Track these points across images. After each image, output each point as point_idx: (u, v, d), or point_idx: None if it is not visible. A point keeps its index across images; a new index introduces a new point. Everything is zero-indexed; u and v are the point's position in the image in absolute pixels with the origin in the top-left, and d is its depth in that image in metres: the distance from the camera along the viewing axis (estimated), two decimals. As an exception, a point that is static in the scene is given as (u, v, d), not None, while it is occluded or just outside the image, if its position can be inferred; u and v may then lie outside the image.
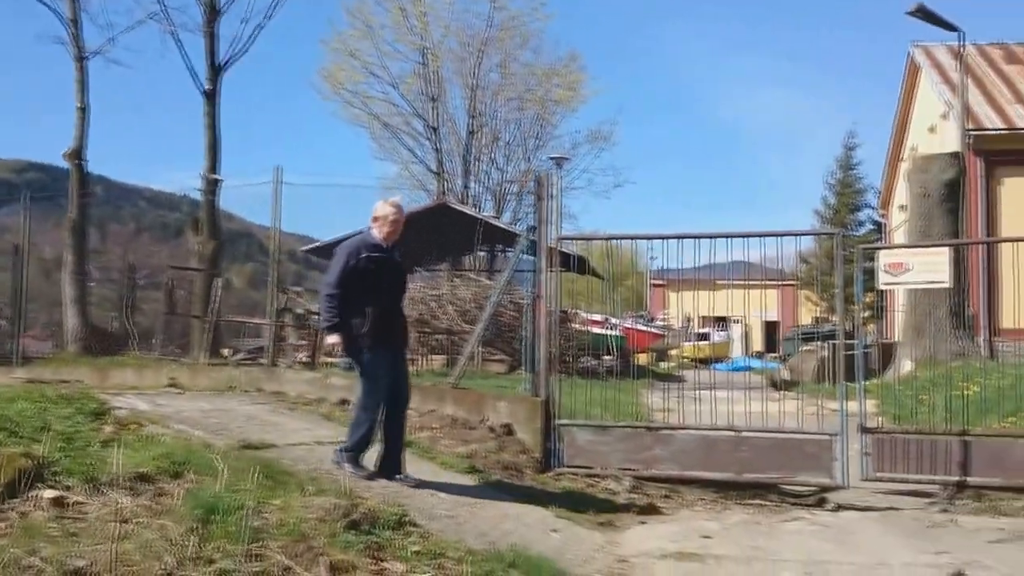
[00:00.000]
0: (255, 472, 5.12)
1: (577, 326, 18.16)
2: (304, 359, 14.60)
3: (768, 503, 7.73)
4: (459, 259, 27.96)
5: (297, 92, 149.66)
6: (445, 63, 36.59)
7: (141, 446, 5.99)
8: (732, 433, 8.20)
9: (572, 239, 9.29)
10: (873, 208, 38.83)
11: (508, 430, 8.63)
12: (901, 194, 26.94)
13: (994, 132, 23.87)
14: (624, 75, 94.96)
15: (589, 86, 38.35)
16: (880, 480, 8.14)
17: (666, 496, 7.81)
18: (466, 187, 36.25)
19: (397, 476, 6.52)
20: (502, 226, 22.74)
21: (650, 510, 7.37)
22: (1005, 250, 18.62)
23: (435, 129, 36.11)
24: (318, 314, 16.13)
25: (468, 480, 7.22)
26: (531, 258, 9.34)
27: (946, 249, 8.95)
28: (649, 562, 5.78)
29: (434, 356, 16.12)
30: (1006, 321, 20.75)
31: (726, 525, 6.94)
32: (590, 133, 38.31)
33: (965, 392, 9.89)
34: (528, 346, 9.17)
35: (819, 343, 17.18)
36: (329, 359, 14.42)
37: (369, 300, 6.40)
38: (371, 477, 6.36)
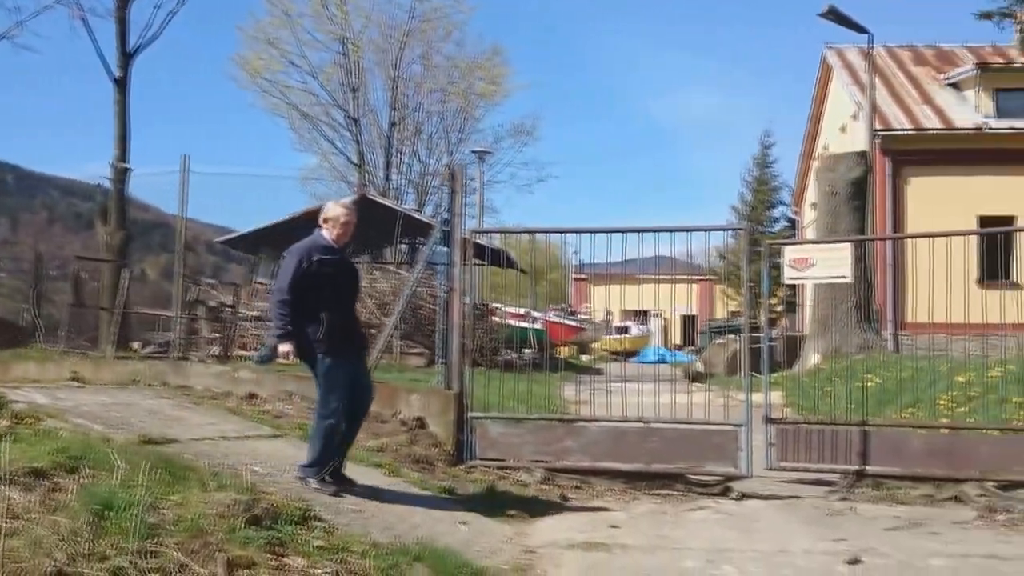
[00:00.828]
0: (153, 467, 4.99)
1: (498, 319, 18.22)
2: (217, 353, 14.33)
3: (675, 493, 7.86)
4: (380, 252, 27.77)
5: (214, 80, 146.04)
6: (366, 53, 36.34)
7: (37, 440, 5.78)
8: (641, 425, 8.33)
9: (485, 232, 9.32)
10: (787, 205, 39.85)
11: (421, 423, 8.60)
12: (813, 192, 27.77)
13: (901, 132, 24.71)
14: (548, 70, 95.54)
15: (512, 80, 38.64)
16: (784, 469, 8.35)
17: (577, 487, 7.88)
18: (388, 179, 36.03)
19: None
20: (423, 219, 22.61)
21: (561, 501, 7.45)
22: (910, 246, 19.30)
23: (356, 120, 35.79)
24: (232, 307, 15.94)
25: (378, 474, 7.17)
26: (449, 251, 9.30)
27: (848, 245, 9.22)
28: (556, 552, 5.83)
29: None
30: (911, 316, 21.51)
31: (634, 515, 7.04)
32: (513, 127, 38.57)
33: (866, 384, 10.21)
34: (443, 339, 9.15)
35: (731, 336, 17.56)
36: (243, 352, 14.20)
37: (323, 305, 6.19)
38: (338, 493, 6.13)
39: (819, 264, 8.79)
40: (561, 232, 9.40)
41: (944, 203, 22.52)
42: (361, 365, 6.58)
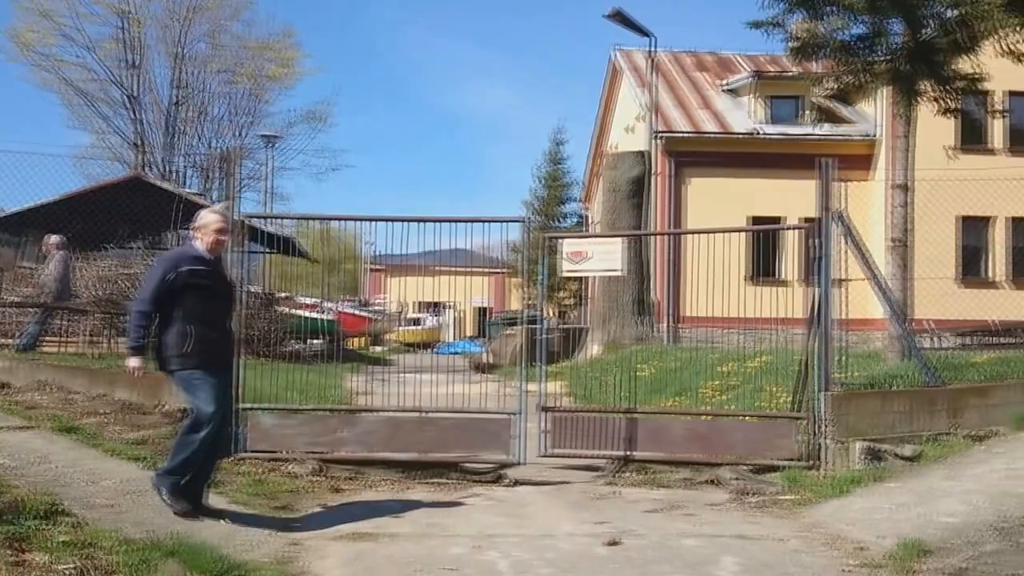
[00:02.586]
0: None
1: (286, 309, 17.69)
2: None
3: (450, 481, 7.87)
4: (158, 237, 26.33)
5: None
6: (148, 29, 34.51)
7: None
8: (418, 414, 8.28)
9: (261, 217, 8.95)
10: (579, 201, 41.09)
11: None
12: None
13: (682, 135, 25.99)
14: (344, 56, 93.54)
15: (304, 64, 37.85)
16: (556, 456, 8.54)
17: (350, 478, 7.74)
18: (169, 162, 34.21)
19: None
20: (206, 203, 21.59)
21: (333, 492, 7.29)
22: (688, 243, 20.33)
23: (134, 98, 33.77)
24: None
25: (135, 468, 6.79)
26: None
27: (620, 240, 9.53)
28: (322, 543, 5.70)
29: (124, 338, 14.99)
30: (688, 309, 22.71)
31: (406, 503, 7.00)
32: (306, 112, 37.60)
33: (635, 374, 10.60)
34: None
35: (520, 327, 17.87)
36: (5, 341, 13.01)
37: (191, 318, 5.84)
38: (187, 513, 5.71)
39: (595, 258, 9.01)
40: (340, 219, 9.16)
41: (720, 203, 23.85)
42: (224, 382, 6.14)
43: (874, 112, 25.24)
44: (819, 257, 8.30)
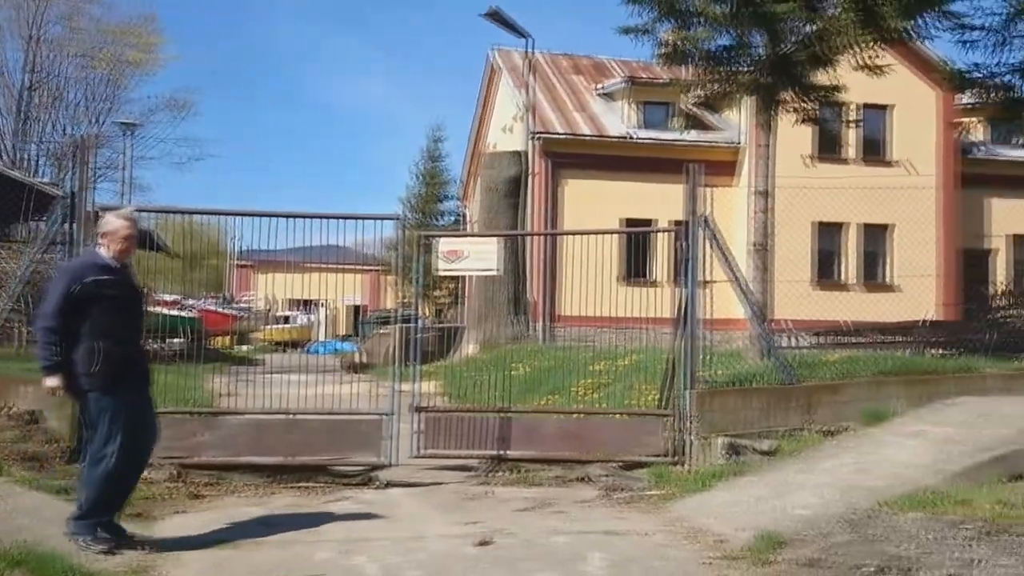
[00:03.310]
0: None
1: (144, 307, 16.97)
2: None
3: (318, 485, 7.71)
4: (8, 229, 24.90)
5: None
6: (0, 10, 32.50)
7: None
8: (285, 417, 8.10)
9: (113, 208, 8.57)
10: (456, 200, 41.07)
11: (33, 418, 7.74)
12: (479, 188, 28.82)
13: (559, 136, 26.32)
14: (213, 46, 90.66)
15: (167, 50, 36.48)
16: (429, 457, 8.49)
17: (211, 484, 7.47)
18: (21, 149, 32.41)
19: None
20: (60, 194, 20.50)
21: (192, 498, 7.05)
22: (564, 244, 20.59)
23: (-20, 82, 31.91)
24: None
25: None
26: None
27: (496, 239, 9.57)
28: (180, 552, 5.49)
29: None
30: (564, 308, 23.01)
31: (271, 509, 6.83)
32: (168, 100, 36.32)
33: (510, 373, 10.67)
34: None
35: (394, 326, 17.73)
36: None
37: (99, 332, 5.42)
38: (112, 551, 5.31)
39: (470, 257, 9.02)
40: (202, 213, 8.87)
41: (595, 205, 24.27)
42: (143, 400, 5.74)
43: (739, 120, 26.18)
44: (686, 259, 8.54)
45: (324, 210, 8.58)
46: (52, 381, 5.46)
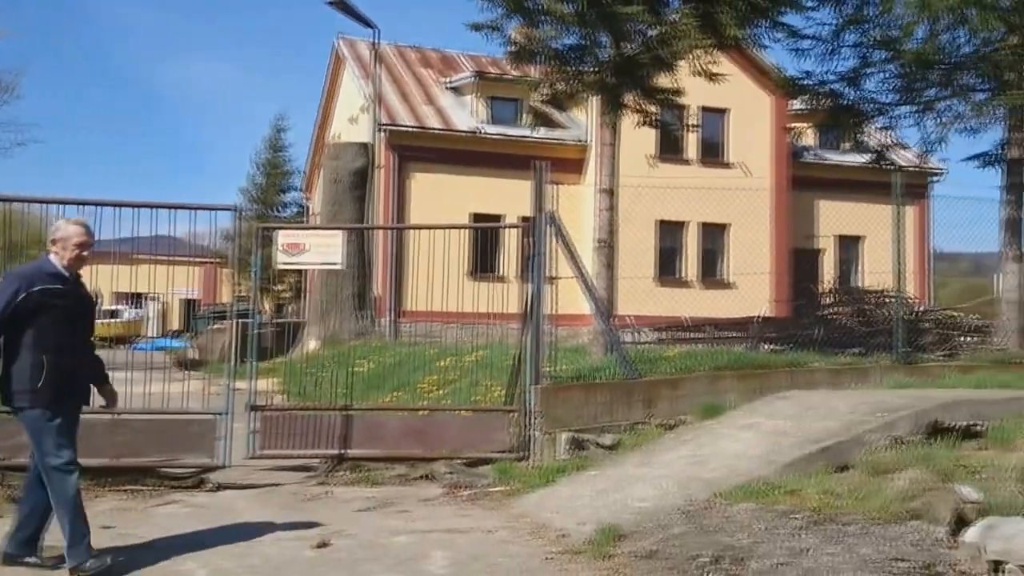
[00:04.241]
0: None
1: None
2: None
3: (145, 488, 7.32)
4: None
5: None
6: None
7: None
8: (109, 416, 7.58)
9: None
10: (300, 191, 40.09)
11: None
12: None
13: (406, 129, 26.05)
14: (38, 24, 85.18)
15: (-6, 27, 33.77)
16: (266, 457, 8.23)
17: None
18: None
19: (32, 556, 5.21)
20: None
21: (12, 502, 6.49)
22: (411, 238, 20.40)
23: None
24: None
25: None
26: None
27: (340, 232, 9.32)
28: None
29: None
30: (410, 304, 22.80)
31: (94, 514, 6.37)
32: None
33: (352, 369, 10.46)
34: None
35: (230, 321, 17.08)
36: None
37: (44, 346, 5.00)
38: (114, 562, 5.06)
39: (312, 250, 8.75)
40: (15, 201, 8.26)
41: (443, 199, 24.19)
42: (77, 417, 5.32)
43: (586, 119, 26.64)
44: (533, 255, 8.56)
45: (158, 199, 8.11)
46: None
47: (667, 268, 27.26)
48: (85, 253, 5.31)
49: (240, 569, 5.21)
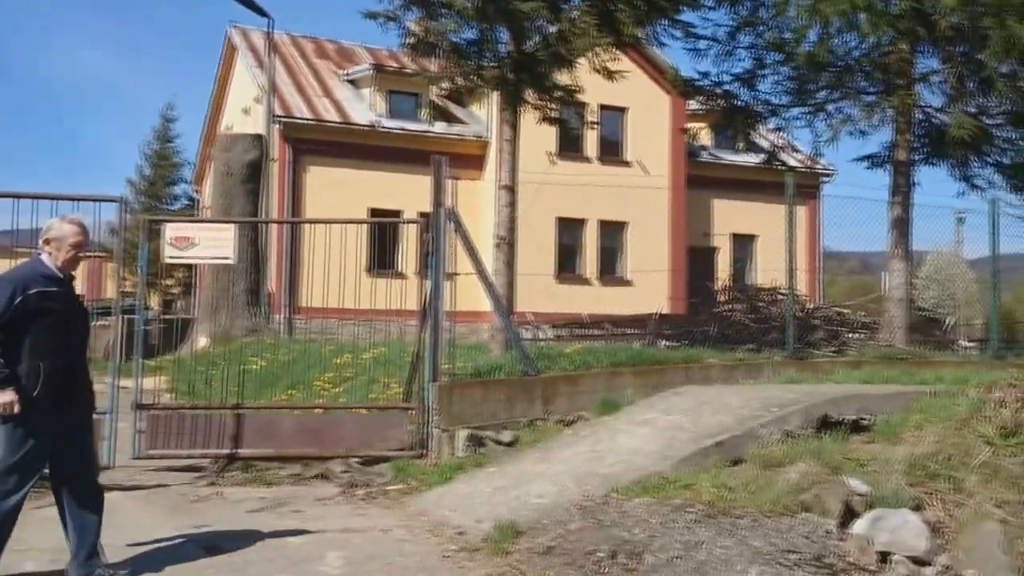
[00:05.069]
0: None
1: None
2: None
3: (24, 492, 6.93)
4: None
5: None
6: None
7: None
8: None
9: None
10: (190, 184, 38.90)
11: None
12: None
13: (302, 121, 25.53)
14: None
15: None
16: (154, 457, 7.97)
17: None
18: None
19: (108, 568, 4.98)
20: None
21: None
22: (307, 233, 20.01)
23: None
24: None
25: None
26: None
27: (232, 226, 9.05)
28: None
29: None
30: (306, 300, 22.39)
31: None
32: None
33: (244, 367, 10.17)
34: None
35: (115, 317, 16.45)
36: None
37: (42, 351, 4.76)
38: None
39: (202, 244, 8.46)
40: None
41: (341, 194, 23.79)
42: (84, 429, 5.09)
43: (486, 115, 26.59)
44: (432, 251, 8.46)
45: (36, 190, 7.70)
46: (6, 396, 4.68)
47: (567, 265, 27.44)
48: (81, 254, 5.06)
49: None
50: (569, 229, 27.36)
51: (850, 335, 12.71)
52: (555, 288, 25.32)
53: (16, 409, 4.70)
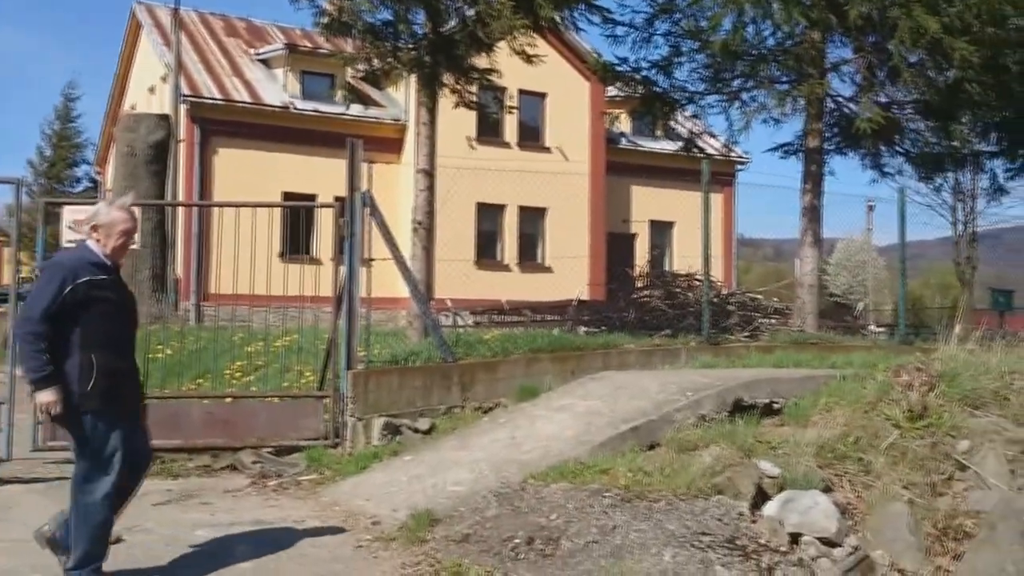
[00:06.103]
0: None
1: None
2: None
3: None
4: None
5: None
6: None
7: None
8: None
9: None
10: (92, 165, 37.65)
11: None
12: (119, 153, 26.54)
13: (210, 101, 24.85)
14: None
15: None
16: (55, 449, 7.59)
17: None
18: None
19: None
20: None
21: None
22: (216, 217, 19.50)
23: None
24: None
25: None
26: None
27: (135, 209, 8.70)
28: None
29: None
30: (215, 286, 21.87)
31: None
32: None
33: (149, 355, 9.81)
34: None
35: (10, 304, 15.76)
36: None
37: (92, 343, 4.50)
38: None
39: (104, 227, 8.11)
40: None
41: (252, 176, 23.30)
42: (136, 423, 4.81)
43: (404, 98, 26.29)
44: (347, 236, 8.29)
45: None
46: (46, 395, 4.43)
47: (486, 251, 27.38)
48: (130, 242, 4.82)
49: (24, 567, 4.88)
50: (488, 215, 27.28)
51: (763, 320, 12.93)
52: (474, 274, 25.23)
53: (58, 410, 4.47)
